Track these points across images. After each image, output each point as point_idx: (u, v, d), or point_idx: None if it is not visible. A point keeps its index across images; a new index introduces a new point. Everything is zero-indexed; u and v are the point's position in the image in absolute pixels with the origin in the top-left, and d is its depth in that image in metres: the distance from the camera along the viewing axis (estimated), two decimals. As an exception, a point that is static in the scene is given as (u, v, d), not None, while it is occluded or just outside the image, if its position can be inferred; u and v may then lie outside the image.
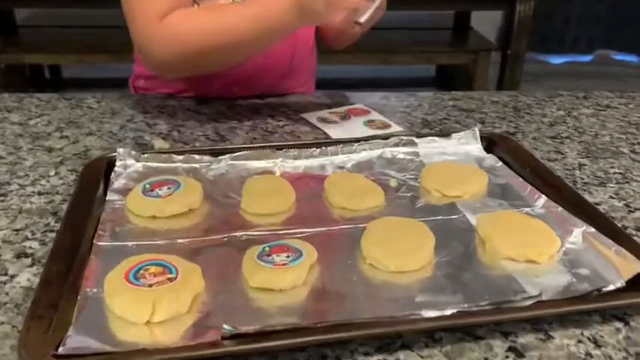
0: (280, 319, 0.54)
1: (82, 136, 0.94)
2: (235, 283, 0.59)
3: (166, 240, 0.66)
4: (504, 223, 0.68)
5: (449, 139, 0.88)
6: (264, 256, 0.61)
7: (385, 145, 0.86)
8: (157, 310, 0.54)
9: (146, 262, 0.60)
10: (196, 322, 0.54)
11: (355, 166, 0.83)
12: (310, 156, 0.84)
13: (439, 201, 0.75)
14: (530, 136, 0.96)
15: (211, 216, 0.71)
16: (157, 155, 0.82)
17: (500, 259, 0.64)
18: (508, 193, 0.77)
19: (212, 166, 0.81)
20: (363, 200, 0.73)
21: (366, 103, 1.06)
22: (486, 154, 0.86)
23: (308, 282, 0.60)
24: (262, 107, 1.06)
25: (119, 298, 0.55)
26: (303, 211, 0.73)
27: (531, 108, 1.08)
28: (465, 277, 0.61)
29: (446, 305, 0.56)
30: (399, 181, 0.80)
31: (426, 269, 0.62)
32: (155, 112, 1.03)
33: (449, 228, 0.69)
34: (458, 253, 0.65)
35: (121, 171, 0.79)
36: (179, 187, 0.73)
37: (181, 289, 0.56)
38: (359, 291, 0.59)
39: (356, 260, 0.64)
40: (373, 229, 0.66)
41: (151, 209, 0.71)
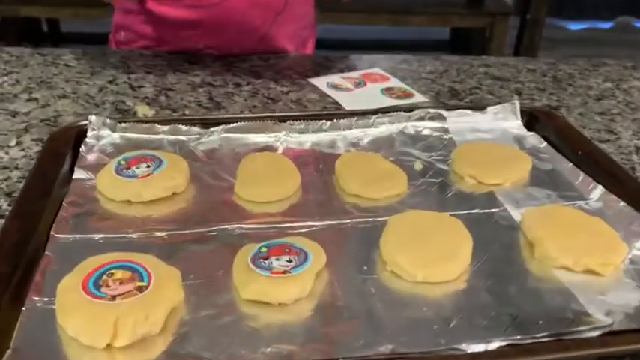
0: (278, 346, 0.43)
1: (54, 98, 0.81)
2: (223, 295, 0.47)
3: (141, 232, 0.54)
4: (556, 221, 0.55)
5: (483, 113, 0.74)
6: (261, 259, 0.48)
7: (408, 118, 0.73)
8: (119, 331, 0.42)
9: (112, 263, 0.47)
10: (170, 347, 0.43)
11: (372, 144, 0.70)
12: (319, 130, 0.71)
13: (474, 190, 0.62)
14: (576, 111, 0.83)
15: (198, 202, 0.59)
16: (137, 125, 0.69)
17: (552, 268, 0.52)
18: (556, 182, 0.64)
19: (202, 140, 0.68)
20: (381, 187, 0.60)
21: (384, 67, 0.92)
22: (527, 133, 0.73)
23: (314, 294, 0.48)
24: (264, 69, 0.92)
25: (73, 314, 0.43)
26: (309, 199, 0.60)
27: (574, 78, 0.93)
28: (511, 291, 0.49)
29: (491, 334, 0.43)
30: (425, 163, 0.66)
31: (461, 279, 0.50)
32: (141, 73, 0.89)
33: (487, 225, 0.57)
34: (499, 259, 0.53)
35: (92, 143, 0.67)
36: (160, 166, 0.61)
37: (153, 303, 0.44)
38: (378, 309, 0.46)
39: (374, 266, 0.51)
40: (395, 226, 0.54)
41: (125, 192, 0.58)
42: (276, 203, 0.59)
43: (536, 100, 0.85)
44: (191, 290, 0.47)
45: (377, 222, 0.56)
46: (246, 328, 0.44)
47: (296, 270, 0.47)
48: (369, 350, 0.42)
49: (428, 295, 0.48)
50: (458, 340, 0.43)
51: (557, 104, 0.84)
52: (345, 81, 0.87)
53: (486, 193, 0.61)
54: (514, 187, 0.63)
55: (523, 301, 0.48)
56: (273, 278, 0.47)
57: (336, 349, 0.42)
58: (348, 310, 0.46)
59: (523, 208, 0.59)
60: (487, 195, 0.61)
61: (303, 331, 0.44)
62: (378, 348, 0.42)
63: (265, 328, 0.44)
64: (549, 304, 0.47)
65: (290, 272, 0.47)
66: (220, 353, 0.42)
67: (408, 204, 0.59)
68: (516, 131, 0.74)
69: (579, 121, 0.80)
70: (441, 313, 0.46)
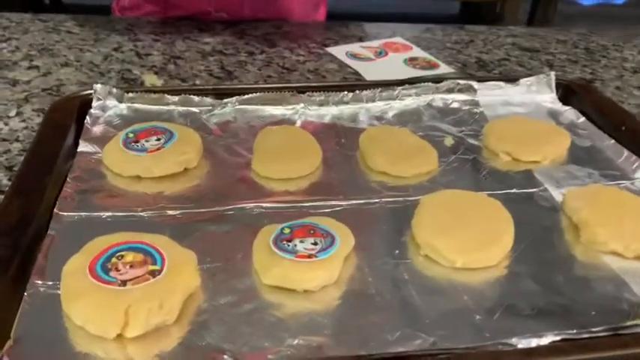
0: (306, 338, 0.39)
1: (56, 67, 0.76)
2: (243, 280, 0.43)
3: (152, 211, 0.50)
4: (603, 202, 0.51)
5: (516, 86, 0.69)
6: (284, 241, 0.44)
7: (436, 90, 0.68)
8: (131, 321, 0.38)
9: (121, 244, 0.43)
10: (186, 338, 0.39)
11: (397, 117, 0.65)
12: (340, 102, 0.66)
13: (510, 167, 0.58)
14: (612, 85, 0.77)
15: (213, 179, 0.54)
16: (146, 95, 0.64)
17: (600, 254, 0.47)
18: (597, 160, 0.59)
19: (215, 111, 0.64)
20: (410, 164, 0.56)
21: (405, 36, 0.86)
22: (563, 107, 0.68)
23: (342, 280, 0.44)
24: (278, 37, 0.86)
25: (80, 300, 0.39)
26: (331, 176, 0.56)
27: (607, 50, 0.88)
28: (557, 278, 0.45)
29: (541, 327, 0.39)
30: (455, 138, 0.62)
31: (502, 265, 0.46)
32: (148, 40, 0.84)
33: (527, 206, 0.52)
34: (542, 243, 0.48)
35: (98, 114, 0.62)
36: (172, 139, 0.56)
37: (167, 289, 0.40)
38: (413, 297, 0.42)
39: (406, 250, 0.47)
40: (429, 206, 0.49)
41: (133, 167, 0.54)
42: (297, 180, 0.55)
43: (569, 72, 0.80)
44: (208, 275, 0.43)
45: (407, 202, 0.52)
46: (269, 317, 0.40)
47: (323, 254, 0.43)
48: (407, 344, 0.38)
49: (467, 283, 0.44)
50: (505, 334, 0.39)
51: (591, 77, 0.79)
52: (365, 50, 0.82)
53: (524, 172, 0.57)
54: (553, 165, 0.58)
55: (572, 290, 0.44)
56: (297, 262, 0.42)
57: (369, 343, 0.38)
58: (380, 298, 0.42)
59: (564, 187, 0.55)
60: (525, 173, 0.57)
61: (332, 322, 0.40)
62: (415, 342, 0.38)
63: (290, 317, 0.40)
64: (600, 294, 0.43)
65: (316, 256, 0.43)
66: (243, 345, 0.38)
67: (440, 182, 0.55)
68: (550, 105, 0.69)
69: (617, 95, 0.75)
70: (482, 303, 0.42)
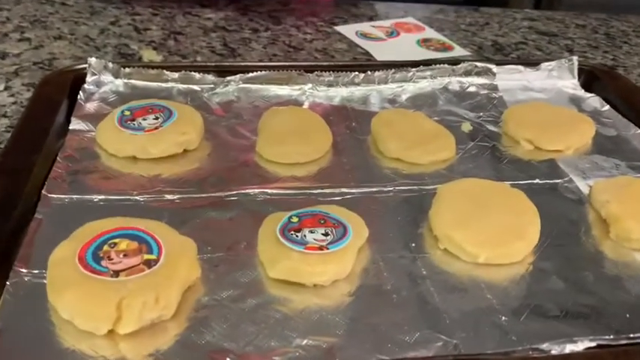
0: (316, 338, 0.35)
1: (49, 39, 0.72)
2: (247, 272, 0.40)
3: (149, 194, 0.46)
4: (633, 196, 0.47)
5: (536, 70, 0.66)
6: (292, 231, 0.41)
7: (452, 72, 0.64)
8: (124, 315, 0.35)
9: (115, 231, 0.40)
10: (185, 335, 0.35)
11: (411, 100, 0.61)
12: (350, 83, 0.62)
13: (532, 156, 0.54)
14: (635, 72, 0.74)
15: (214, 161, 0.51)
16: (144, 71, 0.60)
17: (631, 250, 0.44)
18: (624, 150, 0.56)
19: (217, 90, 0.60)
20: (426, 150, 0.52)
21: (418, 16, 0.82)
22: (586, 94, 0.64)
23: (355, 275, 0.40)
24: (284, 15, 0.82)
25: (68, 292, 0.35)
26: (341, 161, 0.52)
27: (628, 36, 0.84)
28: (586, 277, 0.41)
29: (573, 331, 0.36)
30: (474, 124, 0.58)
31: (526, 261, 0.42)
32: (147, 14, 0.80)
33: (551, 197, 0.49)
34: (568, 237, 0.45)
35: (92, 90, 0.58)
36: (170, 117, 0.52)
37: (164, 281, 0.36)
38: (432, 295, 0.39)
39: (423, 242, 0.43)
40: (447, 196, 0.46)
41: (129, 147, 0.50)
42: (304, 165, 0.51)
43: (590, 58, 0.76)
44: (209, 266, 0.40)
45: (423, 190, 0.48)
46: (275, 314, 0.37)
47: (334, 246, 0.40)
48: (427, 347, 0.35)
49: (490, 280, 0.40)
50: (535, 338, 0.35)
51: (612, 63, 0.76)
52: (375, 30, 0.78)
53: (547, 161, 0.53)
54: (577, 155, 0.55)
55: (602, 290, 0.40)
56: (307, 255, 0.39)
57: (385, 345, 0.35)
58: (396, 295, 0.39)
59: (590, 179, 0.51)
60: (548, 163, 0.53)
61: (344, 320, 0.37)
62: (435, 344, 0.35)
63: (299, 315, 0.37)
64: (634, 294, 0.40)
65: (327, 248, 0.39)
66: (246, 345, 0.35)
67: (458, 171, 0.51)
68: (572, 91, 0.65)
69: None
70: (507, 303, 0.39)
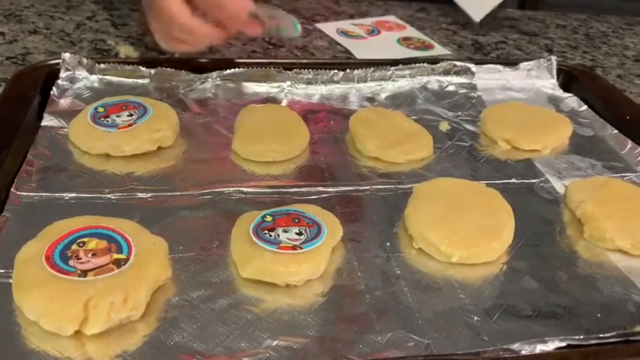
0: (287, 339, 0.35)
1: (23, 34, 0.70)
2: (218, 272, 0.39)
3: (121, 193, 0.45)
4: (608, 196, 0.47)
5: (515, 70, 0.66)
6: (265, 231, 0.40)
7: (432, 71, 0.64)
8: (91, 316, 0.34)
9: (84, 230, 0.39)
10: (154, 336, 0.35)
11: (390, 99, 0.61)
12: (330, 81, 0.62)
13: (509, 156, 0.54)
14: (614, 72, 0.74)
15: (189, 160, 0.50)
16: (119, 67, 0.59)
17: (605, 250, 0.44)
18: (600, 150, 0.56)
19: (194, 87, 0.59)
20: (404, 149, 0.52)
21: (399, 15, 0.82)
22: (564, 94, 0.64)
23: (329, 275, 0.40)
24: (265, 12, 0.81)
25: (34, 292, 0.35)
26: (319, 160, 0.52)
27: (607, 37, 0.85)
28: (559, 276, 0.41)
29: (544, 330, 0.36)
30: (452, 123, 0.58)
31: (500, 261, 0.42)
32: (124, 9, 0.79)
33: (527, 197, 0.49)
34: (543, 237, 0.45)
35: (66, 85, 0.57)
36: (145, 115, 0.51)
37: (133, 281, 0.36)
38: (405, 294, 0.39)
39: (398, 242, 0.43)
40: (423, 195, 0.46)
41: (102, 144, 0.49)
42: (281, 164, 0.50)
43: (569, 58, 0.77)
44: (180, 266, 0.39)
45: (399, 190, 0.48)
46: (246, 314, 0.36)
47: (308, 245, 0.39)
48: (398, 348, 0.35)
49: (464, 279, 0.40)
50: (506, 338, 0.35)
51: (591, 64, 0.76)
52: (356, 28, 0.77)
53: (524, 160, 0.53)
54: (553, 155, 0.55)
55: (575, 290, 0.40)
56: (280, 254, 0.38)
57: (357, 346, 0.35)
58: (370, 295, 0.38)
59: (566, 179, 0.51)
60: (525, 162, 0.53)
61: (316, 321, 0.36)
62: (407, 345, 0.35)
63: (270, 315, 0.36)
64: (606, 294, 0.40)
65: (301, 248, 0.39)
66: (216, 346, 0.34)
67: (435, 170, 0.51)
68: (551, 91, 0.65)
69: (618, 83, 0.71)
70: (480, 303, 0.39)
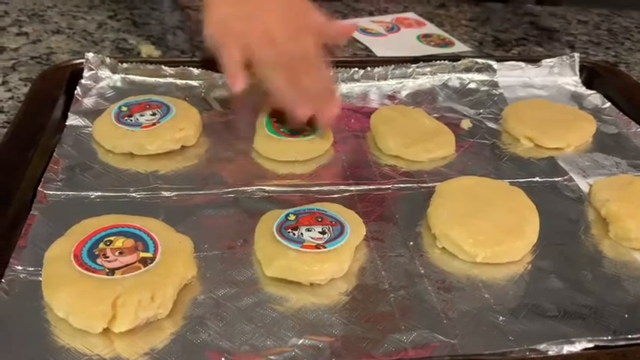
0: (312, 338, 0.35)
1: (47, 34, 0.71)
2: (243, 271, 0.39)
3: (145, 191, 0.46)
4: (633, 195, 0.47)
5: (537, 67, 0.65)
6: (289, 229, 0.40)
7: (453, 68, 0.63)
8: (119, 314, 0.34)
9: (110, 228, 0.39)
10: (180, 334, 0.35)
11: (411, 97, 0.61)
12: (350, 79, 0.62)
13: (532, 154, 0.54)
14: (637, 68, 0.73)
15: (212, 158, 0.50)
16: (142, 66, 0.60)
17: (630, 249, 0.44)
18: (624, 148, 0.55)
19: (216, 85, 0.59)
20: (425, 148, 0.52)
21: (419, 12, 0.82)
22: (587, 91, 0.64)
23: (352, 274, 0.40)
24: (284, 10, 0.81)
25: (63, 290, 0.35)
26: (340, 159, 0.52)
27: (631, 32, 0.83)
28: (585, 276, 0.41)
29: (571, 331, 0.36)
30: (473, 121, 0.58)
31: (525, 260, 0.42)
32: (146, 9, 0.79)
33: (551, 196, 0.49)
34: (568, 236, 0.45)
35: (89, 85, 0.58)
36: (168, 114, 0.52)
37: (160, 279, 0.36)
38: (429, 294, 0.39)
39: (421, 241, 0.43)
40: (446, 194, 0.45)
41: (126, 143, 0.50)
42: (303, 162, 0.51)
43: (592, 54, 0.76)
44: (205, 264, 0.39)
45: (422, 188, 0.48)
46: (271, 313, 0.37)
47: (331, 244, 0.39)
48: (424, 348, 0.35)
49: (488, 279, 0.40)
50: (532, 339, 0.35)
51: (614, 60, 0.75)
52: (376, 25, 0.77)
53: (547, 159, 0.53)
54: (577, 153, 0.54)
55: (601, 290, 0.40)
56: (304, 253, 0.39)
57: (382, 345, 0.35)
58: (394, 294, 0.38)
59: (590, 177, 0.51)
60: (548, 161, 0.53)
61: (341, 320, 0.36)
62: (432, 344, 0.35)
63: (295, 314, 0.37)
64: (632, 294, 0.40)
65: (324, 247, 0.39)
66: (242, 344, 0.34)
67: (457, 168, 0.51)
68: (573, 88, 0.64)
69: (642, 79, 0.70)
70: (505, 302, 0.38)
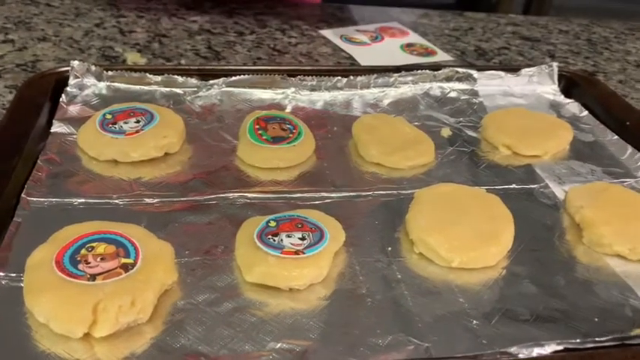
0: (290, 342, 0.36)
1: (33, 41, 0.72)
2: (223, 276, 0.40)
3: (128, 198, 0.46)
4: (607, 202, 0.48)
5: (517, 76, 0.66)
6: (269, 236, 0.41)
7: (434, 77, 0.64)
8: (100, 319, 0.35)
9: (92, 235, 0.40)
10: (160, 339, 0.36)
11: (393, 105, 0.62)
12: (333, 87, 0.63)
13: (510, 161, 0.55)
14: (615, 78, 0.75)
15: (195, 165, 0.51)
16: (127, 74, 0.60)
17: (603, 256, 0.45)
18: (600, 156, 0.57)
19: (200, 93, 0.60)
20: (406, 155, 0.53)
21: (403, 21, 0.83)
22: (565, 99, 0.65)
23: (331, 279, 0.41)
24: (270, 18, 0.83)
25: (44, 296, 0.36)
26: (322, 166, 0.53)
27: (610, 42, 0.85)
28: (558, 281, 0.42)
29: (542, 334, 0.37)
30: (453, 129, 0.59)
31: (500, 266, 0.43)
32: (132, 17, 0.80)
33: (527, 203, 0.50)
34: (542, 242, 0.46)
35: (74, 92, 0.58)
36: (152, 121, 0.52)
37: (141, 285, 0.37)
38: (406, 299, 0.40)
39: (399, 247, 0.44)
40: (424, 200, 0.46)
41: (110, 150, 0.50)
42: (285, 170, 0.51)
43: (571, 64, 0.77)
44: (186, 270, 0.40)
45: (401, 195, 0.49)
46: (251, 317, 0.37)
47: (311, 250, 0.40)
48: (399, 351, 0.35)
49: (463, 284, 0.41)
50: (504, 342, 0.36)
51: (593, 69, 0.77)
52: (360, 34, 0.78)
53: (524, 166, 0.54)
54: (554, 160, 0.56)
55: (573, 294, 0.41)
56: (283, 259, 0.39)
57: (358, 348, 0.36)
58: (371, 299, 0.39)
59: (566, 184, 0.52)
60: (525, 168, 0.54)
61: (319, 324, 0.37)
62: (407, 348, 0.36)
63: (274, 318, 0.37)
64: (603, 299, 0.41)
65: (304, 252, 0.40)
66: (221, 348, 0.35)
67: (436, 176, 0.52)
68: (552, 97, 0.66)
69: (620, 89, 0.72)
70: (479, 307, 0.39)
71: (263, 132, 0.53)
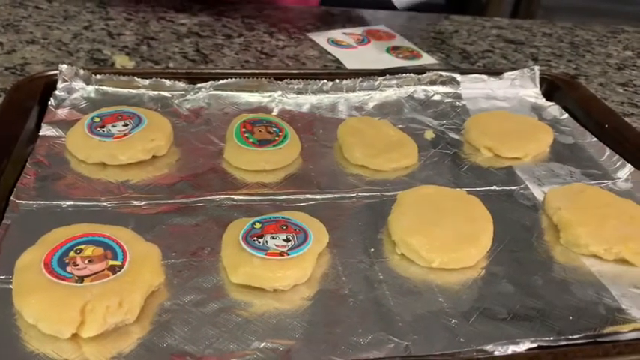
0: (273, 341, 0.37)
1: (21, 44, 0.72)
2: (209, 277, 0.41)
3: (116, 201, 0.47)
4: (584, 203, 0.49)
5: (499, 79, 0.68)
6: (254, 237, 0.42)
7: (418, 81, 0.66)
8: (88, 319, 0.36)
9: (81, 237, 0.41)
10: (147, 338, 0.36)
11: (378, 108, 0.63)
12: (319, 90, 0.64)
13: (491, 164, 0.56)
14: (596, 81, 0.76)
15: (182, 168, 0.52)
16: (115, 77, 0.61)
17: (579, 255, 0.46)
18: (579, 158, 0.58)
19: (188, 96, 0.61)
20: (390, 158, 0.54)
21: (389, 24, 0.84)
22: (547, 102, 0.67)
23: (315, 279, 0.42)
24: (258, 21, 0.83)
25: (33, 297, 0.37)
26: (307, 168, 0.54)
27: (592, 45, 0.87)
28: (535, 281, 0.43)
29: (517, 332, 0.38)
30: (436, 132, 0.60)
31: (479, 266, 0.44)
32: (121, 19, 0.81)
33: (507, 204, 0.51)
34: (521, 243, 0.47)
35: (63, 96, 0.59)
36: (140, 124, 0.53)
37: (128, 286, 0.38)
38: (387, 298, 0.41)
39: (381, 248, 0.45)
40: (406, 202, 0.48)
41: (98, 153, 0.51)
42: (271, 172, 0.52)
43: (554, 67, 0.79)
44: (173, 271, 0.41)
45: (385, 197, 0.50)
46: (236, 318, 0.38)
47: (295, 251, 0.41)
48: (379, 349, 0.36)
49: (443, 284, 0.42)
50: (481, 340, 0.37)
51: (575, 72, 0.78)
52: (347, 37, 0.79)
53: (505, 168, 0.55)
54: (534, 162, 0.57)
55: (549, 293, 0.42)
56: (268, 260, 0.40)
57: (340, 347, 0.37)
58: (354, 299, 0.40)
59: (545, 186, 0.53)
60: (506, 170, 0.55)
61: (302, 324, 0.38)
62: (388, 346, 0.37)
63: (258, 318, 0.38)
64: (579, 298, 0.42)
65: (288, 254, 0.41)
66: (206, 348, 0.36)
67: (419, 178, 0.53)
68: (534, 100, 0.67)
69: (600, 92, 0.73)
70: (458, 306, 0.41)
71: (249, 135, 0.54)
